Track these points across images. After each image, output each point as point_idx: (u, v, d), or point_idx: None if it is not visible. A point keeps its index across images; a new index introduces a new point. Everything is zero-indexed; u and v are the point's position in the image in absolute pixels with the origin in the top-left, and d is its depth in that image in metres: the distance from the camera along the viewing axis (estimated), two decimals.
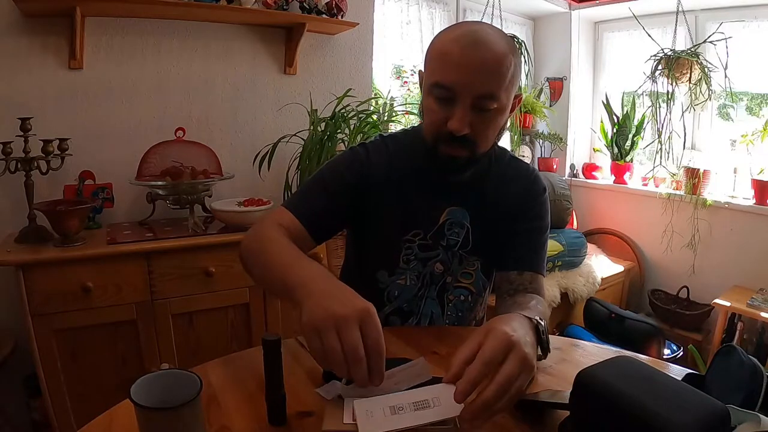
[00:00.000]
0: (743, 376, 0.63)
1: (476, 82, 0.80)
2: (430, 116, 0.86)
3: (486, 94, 0.81)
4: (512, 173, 1.00)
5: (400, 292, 0.98)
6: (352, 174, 0.95)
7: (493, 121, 0.85)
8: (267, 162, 1.92)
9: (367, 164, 0.95)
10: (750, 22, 2.55)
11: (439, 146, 0.86)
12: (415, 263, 0.97)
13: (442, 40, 0.84)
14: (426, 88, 0.87)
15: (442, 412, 0.58)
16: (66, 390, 1.47)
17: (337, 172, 0.95)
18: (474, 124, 0.83)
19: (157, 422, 0.51)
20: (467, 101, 0.81)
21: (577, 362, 0.82)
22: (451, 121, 0.82)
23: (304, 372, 0.76)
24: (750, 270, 2.49)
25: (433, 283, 0.99)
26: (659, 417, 0.49)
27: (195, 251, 1.61)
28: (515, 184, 0.99)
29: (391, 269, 0.97)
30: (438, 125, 0.85)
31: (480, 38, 0.81)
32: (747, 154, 2.54)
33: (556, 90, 3.28)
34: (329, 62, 2.27)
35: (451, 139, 0.84)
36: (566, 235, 2.63)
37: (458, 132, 0.82)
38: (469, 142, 0.85)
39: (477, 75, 0.80)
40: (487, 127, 0.85)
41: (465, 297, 1.00)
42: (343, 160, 0.97)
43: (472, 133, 0.83)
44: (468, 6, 2.92)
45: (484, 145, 0.88)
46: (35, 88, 1.67)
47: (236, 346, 1.71)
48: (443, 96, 0.83)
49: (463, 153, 0.86)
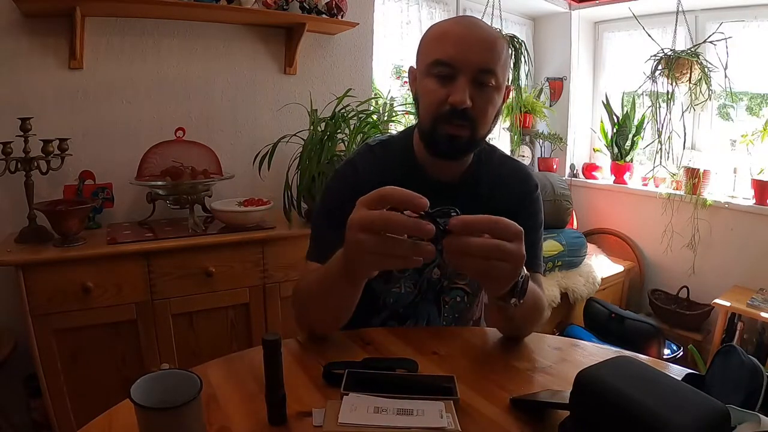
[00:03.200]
0: (743, 376, 0.63)
1: (476, 56, 0.82)
2: (430, 96, 0.86)
3: (485, 68, 0.83)
4: (504, 172, 1.00)
5: (395, 299, 0.98)
6: (347, 197, 0.93)
7: (491, 100, 0.86)
8: (267, 162, 1.92)
9: (357, 181, 0.94)
10: (750, 22, 2.55)
11: (438, 126, 0.86)
12: (411, 272, 0.96)
13: (438, 25, 0.88)
14: (424, 70, 0.87)
15: (423, 422, 0.60)
16: (66, 390, 1.47)
17: (334, 201, 0.95)
18: (474, 99, 0.83)
19: (157, 422, 0.51)
20: (468, 75, 0.82)
21: (577, 362, 0.82)
22: (452, 95, 0.82)
23: (304, 372, 0.76)
24: (750, 270, 2.49)
25: (430, 288, 0.98)
26: (659, 417, 0.49)
27: (195, 251, 1.61)
28: (508, 184, 0.99)
29: (386, 277, 0.96)
30: (438, 103, 0.84)
31: (475, 20, 0.88)
32: (747, 154, 2.55)
33: (556, 90, 3.28)
34: (329, 62, 2.27)
35: (453, 116, 0.83)
36: (566, 235, 2.63)
37: (461, 104, 0.82)
38: (470, 119, 0.84)
39: (476, 49, 0.82)
40: (486, 104, 0.85)
41: (461, 298, 1.00)
42: (335, 187, 0.97)
43: (473, 108, 0.83)
44: (468, 6, 2.92)
45: (483, 124, 0.87)
46: (35, 88, 1.67)
47: (236, 346, 1.71)
48: (443, 73, 0.83)
49: (463, 132, 0.85)
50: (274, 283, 1.75)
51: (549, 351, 0.88)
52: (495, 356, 0.85)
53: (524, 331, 0.89)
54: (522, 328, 0.88)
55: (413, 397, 0.64)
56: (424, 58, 0.87)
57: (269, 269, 1.74)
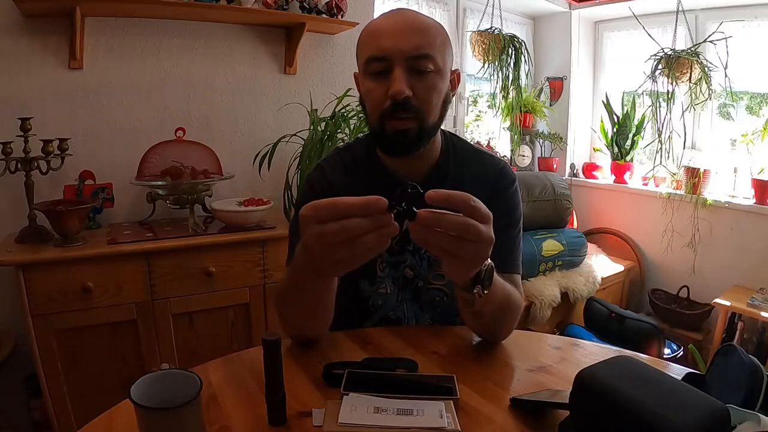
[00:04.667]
0: (743, 375, 0.63)
1: (406, 43, 0.80)
2: (371, 95, 0.85)
3: (420, 54, 0.81)
4: (476, 168, 0.96)
5: (383, 302, 0.98)
6: (319, 199, 0.94)
7: (434, 86, 0.83)
8: (267, 162, 1.92)
9: (326, 184, 0.95)
10: (750, 22, 2.55)
11: (385, 124, 0.84)
12: (388, 269, 0.96)
13: (369, 24, 0.87)
14: (362, 71, 0.86)
15: (422, 422, 0.60)
16: (66, 390, 1.47)
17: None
18: (415, 88, 0.81)
19: (157, 422, 0.51)
20: (403, 64, 0.81)
21: (577, 362, 0.81)
22: (390, 88, 0.81)
23: (304, 372, 0.76)
24: (750, 269, 2.48)
25: (407, 286, 0.97)
26: (659, 417, 0.49)
27: (195, 251, 1.61)
28: (479, 180, 0.94)
29: (371, 278, 0.96)
30: (380, 100, 0.83)
31: (404, 10, 0.87)
32: (747, 153, 2.54)
33: (556, 90, 3.28)
34: (329, 62, 2.27)
35: (396, 108, 0.82)
36: (566, 235, 2.63)
37: (400, 95, 0.80)
38: (414, 109, 0.82)
39: (407, 36, 0.81)
40: (429, 91, 0.83)
41: (440, 298, 0.98)
42: (307, 192, 0.96)
43: (415, 97, 0.82)
44: (468, 6, 2.92)
45: (430, 112, 0.85)
46: (35, 88, 1.67)
47: (236, 346, 1.71)
48: (378, 69, 0.82)
49: (410, 124, 0.83)
50: (274, 283, 1.75)
51: (549, 350, 0.88)
52: (495, 356, 0.85)
53: (497, 331, 0.87)
54: (494, 328, 0.86)
55: (413, 397, 0.64)
56: (360, 60, 0.87)
57: (269, 269, 1.74)
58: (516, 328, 0.89)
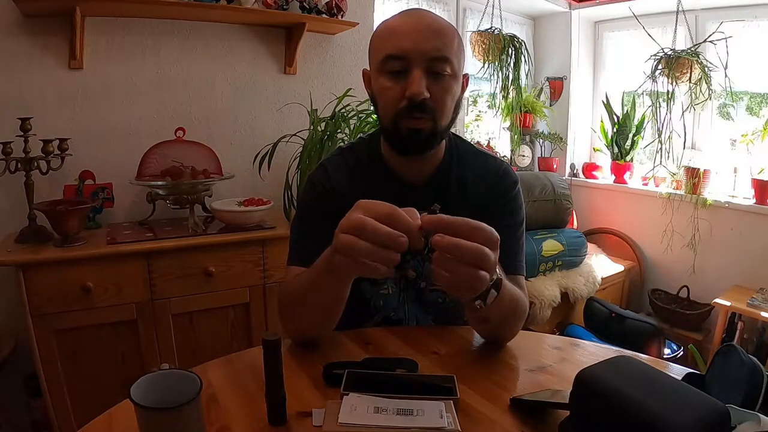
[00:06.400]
0: (743, 375, 0.63)
1: (427, 45, 0.81)
2: (386, 94, 0.85)
3: (438, 56, 0.81)
4: (479, 170, 0.97)
5: (384, 303, 0.98)
6: (321, 199, 0.94)
7: (449, 89, 0.84)
8: (267, 162, 1.92)
9: (329, 184, 0.95)
10: (750, 22, 2.55)
11: (399, 122, 0.84)
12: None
13: (385, 22, 0.87)
14: (377, 69, 0.86)
15: (422, 422, 0.60)
16: (66, 390, 1.47)
17: (310, 205, 0.95)
18: (432, 90, 0.82)
19: (157, 422, 0.51)
20: (421, 65, 0.81)
21: (577, 362, 0.82)
22: (409, 88, 0.81)
23: (304, 372, 0.76)
24: (750, 269, 2.48)
25: (410, 287, 0.98)
26: (659, 417, 0.49)
27: (195, 251, 1.61)
28: (482, 182, 0.95)
29: (372, 279, 0.95)
30: (396, 100, 0.83)
31: (421, 11, 0.87)
32: (747, 153, 2.54)
33: (556, 90, 3.28)
34: (329, 62, 2.27)
35: (412, 109, 0.82)
36: (566, 235, 2.63)
37: (418, 96, 0.80)
38: (430, 111, 0.83)
39: (427, 38, 0.81)
40: (444, 94, 0.84)
41: (443, 299, 0.99)
42: (310, 191, 0.97)
43: (432, 99, 0.82)
44: (468, 6, 2.92)
45: (444, 114, 0.86)
46: (35, 88, 1.67)
47: (236, 346, 1.71)
48: (396, 68, 0.82)
49: (425, 124, 0.84)
50: (275, 282, 1.75)
51: (549, 350, 0.88)
52: (495, 356, 0.85)
53: (503, 334, 0.87)
54: (500, 332, 0.86)
55: (413, 397, 0.64)
56: (375, 57, 0.86)
57: (269, 269, 1.74)
58: None
